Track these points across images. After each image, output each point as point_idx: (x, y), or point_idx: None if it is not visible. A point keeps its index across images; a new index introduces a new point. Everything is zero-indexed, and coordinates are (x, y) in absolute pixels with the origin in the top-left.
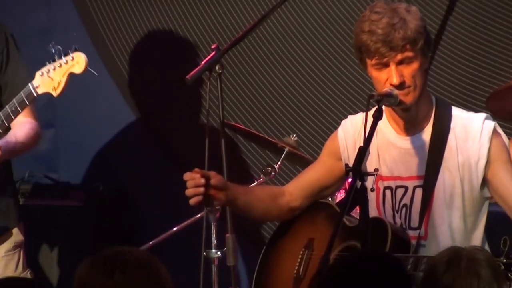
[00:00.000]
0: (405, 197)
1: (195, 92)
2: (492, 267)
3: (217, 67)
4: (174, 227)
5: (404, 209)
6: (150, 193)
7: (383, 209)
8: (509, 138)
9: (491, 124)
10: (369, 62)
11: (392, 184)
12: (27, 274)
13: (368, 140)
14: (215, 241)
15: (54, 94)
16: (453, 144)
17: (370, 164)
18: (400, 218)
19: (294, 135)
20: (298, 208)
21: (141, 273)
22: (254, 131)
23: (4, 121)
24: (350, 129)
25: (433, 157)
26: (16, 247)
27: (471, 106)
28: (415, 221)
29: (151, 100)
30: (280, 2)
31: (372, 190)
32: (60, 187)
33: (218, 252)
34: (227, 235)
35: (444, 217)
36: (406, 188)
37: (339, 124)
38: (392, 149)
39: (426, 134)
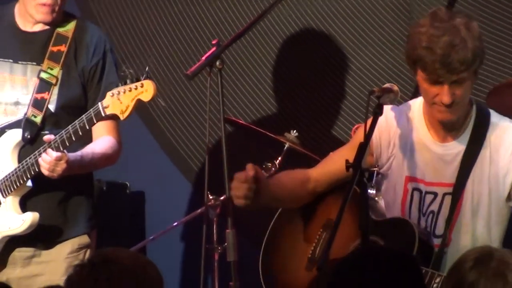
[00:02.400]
0: (433, 203)
1: (195, 87)
2: None
3: (217, 63)
4: (175, 222)
5: (431, 215)
6: (150, 189)
7: (409, 211)
8: None
9: None
10: (422, 74)
11: (422, 188)
12: None
13: (368, 136)
14: (216, 236)
15: (121, 117)
16: (487, 154)
17: (403, 160)
18: (426, 223)
19: (295, 131)
20: (322, 192)
21: (126, 283)
22: (255, 127)
23: (72, 135)
24: (386, 125)
25: (466, 166)
26: (80, 249)
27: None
28: (440, 229)
29: (158, 99)
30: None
31: (372, 187)
32: None
33: (219, 247)
34: (228, 230)
35: (469, 226)
36: (435, 194)
37: (340, 119)
38: (425, 152)
39: (462, 142)
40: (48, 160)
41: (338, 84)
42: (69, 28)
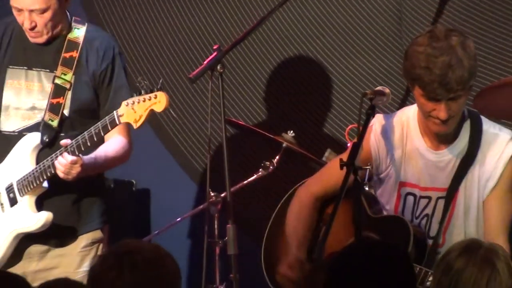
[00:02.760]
0: (428, 207)
1: (198, 90)
2: (508, 264)
3: (218, 67)
4: (177, 218)
5: (425, 218)
6: (155, 186)
7: (402, 213)
8: None
9: None
10: (419, 91)
11: (417, 192)
12: None
13: (361, 135)
14: (217, 230)
15: (135, 126)
16: (478, 159)
17: (399, 167)
18: (419, 226)
19: (292, 131)
20: None
21: (149, 273)
22: (254, 127)
23: (87, 141)
24: (382, 136)
25: (461, 171)
26: (94, 243)
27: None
28: (434, 230)
29: None
30: (278, 5)
31: (365, 184)
32: None
33: (220, 241)
34: (228, 225)
35: (461, 227)
36: (429, 198)
37: (334, 120)
38: (420, 159)
39: (454, 149)
40: (64, 163)
41: (332, 87)
42: (79, 35)
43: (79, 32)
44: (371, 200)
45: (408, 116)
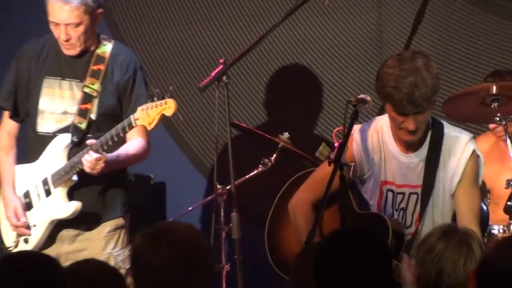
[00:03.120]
0: (403, 201)
1: (206, 98)
2: (481, 245)
3: (224, 78)
4: (189, 207)
5: (401, 211)
6: (170, 180)
7: (384, 208)
8: (474, 137)
9: (471, 147)
10: (390, 107)
11: (394, 189)
12: (125, 251)
13: (346, 136)
14: (223, 218)
15: (148, 128)
16: (442, 159)
17: (378, 169)
18: (398, 217)
19: (287, 133)
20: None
21: (184, 250)
22: (255, 129)
23: (109, 141)
24: (362, 144)
25: (429, 171)
26: (117, 228)
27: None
28: (408, 221)
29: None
30: (275, 25)
31: (351, 179)
32: None
33: (226, 227)
34: (232, 213)
35: (430, 217)
36: (403, 194)
37: (323, 123)
38: (394, 161)
39: (423, 152)
40: (90, 160)
41: (322, 95)
42: (106, 50)
43: (106, 48)
44: (359, 198)
45: (382, 124)
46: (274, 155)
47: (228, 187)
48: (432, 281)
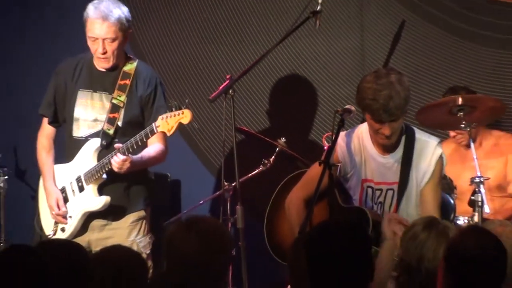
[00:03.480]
0: (381, 196)
1: (215, 108)
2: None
3: (230, 91)
4: (200, 201)
5: (380, 204)
6: (184, 178)
7: (365, 202)
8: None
9: (439, 151)
10: (369, 115)
11: (373, 185)
12: (146, 238)
13: (334, 141)
14: (229, 210)
15: (168, 134)
16: (415, 161)
17: (359, 168)
18: (377, 210)
19: (283, 137)
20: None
21: (211, 238)
22: (257, 134)
23: (134, 145)
24: (346, 148)
25: (403, 170)
26: (139, 219)
27: (406, 117)
28: (386, 213)
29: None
30: (274, 46)
31: (337, 177)
32: None
33: (231, 218)
34: (237, 206)
35: (404, 209)
36: (381, 190)
37: (314, 130)
38: (373, 162)
39: (397, 154)
40: (118, 161)
41: (313, 105)
42: (131, 68)
43: (132, 66)
44: (344, 194)
45: (362, 131)
46: (273, 157)
47: (233, 184)
48: (414, 265)
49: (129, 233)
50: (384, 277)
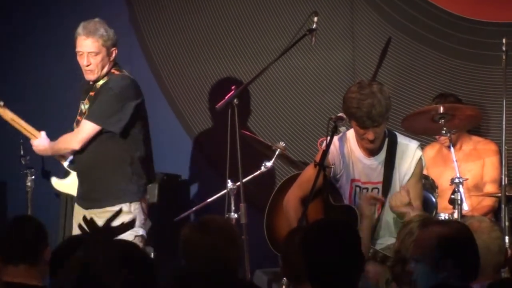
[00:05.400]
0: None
1: (222, 114)
2: None
3: (235, 100)
4: (207, 199)
5: None
6: (191, 178)
7: (354, 200)
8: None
9: (419, 153)
10: (354, 123)
11: (360, 185)
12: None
13: (328, 145)
14: (233, 207)
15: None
16: (397, 162)
17: (348, 170)
18: None
19: (283, 142)
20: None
21: (220, 235)
22: (258, 138)
23: None
24: (337, 151)
25: (387, 171)
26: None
27: (393, 124)
28: (361, 195)
29: (197, 121)
30: (273, 60)
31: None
32: None
33: (235, 214)
34: (241, 204)
35: (387, 207)
36: (367, 188)
37: (310, 135)
38: (359, 163)
39: (380, 157)
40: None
41: (309, 113)
42: (103, 81)
43: (103, 80)
44: (335, 193)
45: (350, 136)
46: (273, 159)
47: (237, 184)
48: (408, 258)
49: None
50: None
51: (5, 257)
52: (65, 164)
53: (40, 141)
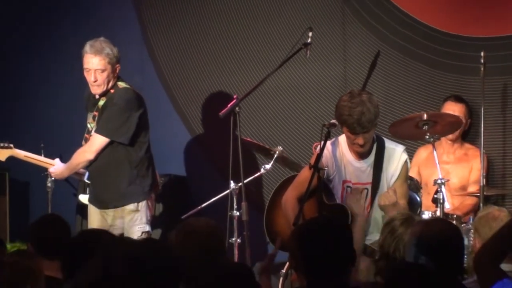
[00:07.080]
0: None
1: (225, 120)
2: None
3: (237, 108)
4: (212, 199)
5: None
6: (197, 179)
7: (346, 198)
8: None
9: (405, 157)
10: (346, 129)
11: (351, 185)
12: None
13: (322, 149)
14: (236, 206)
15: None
16: (384, 165)
17: (340, 172)
18: None
19: (280, 146)
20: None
21: (201, 235)
22: (258, 143)
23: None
24: (330, 154)
25: (375, 173)
26: (137, 211)
27: (381, 129)
28: (348, 194)
29: (201, 126)
30: (272, 71)
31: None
32: None
33: (237, 212)
34: (243, 202)
35: (376, 206)
36: (357, 189)
37: (306, 140)
38: (350, 166)
39: (370, 159)
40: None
41: (305, 119)
42: (103, 101)
43: (103, 101)
44: (328, 193)
45: (342, 141)
46: (271, 162)
47: (239, 184)
48: (391, 253)
49: (129, 221)
50: (358, 249)
51: (43, 253)
52: (85, 178)
53: (56, 167)
